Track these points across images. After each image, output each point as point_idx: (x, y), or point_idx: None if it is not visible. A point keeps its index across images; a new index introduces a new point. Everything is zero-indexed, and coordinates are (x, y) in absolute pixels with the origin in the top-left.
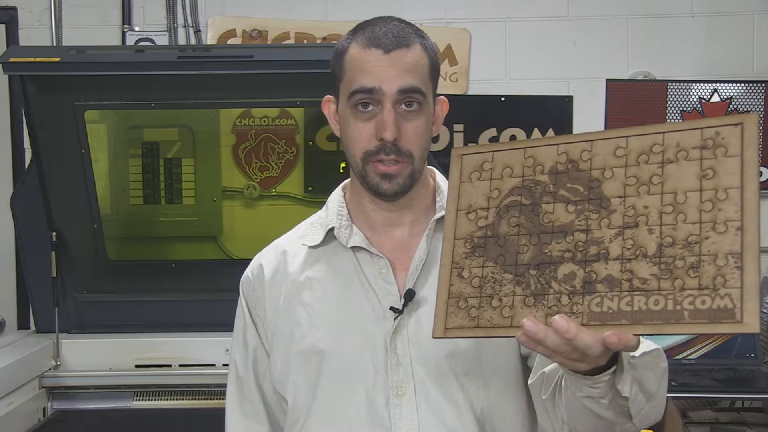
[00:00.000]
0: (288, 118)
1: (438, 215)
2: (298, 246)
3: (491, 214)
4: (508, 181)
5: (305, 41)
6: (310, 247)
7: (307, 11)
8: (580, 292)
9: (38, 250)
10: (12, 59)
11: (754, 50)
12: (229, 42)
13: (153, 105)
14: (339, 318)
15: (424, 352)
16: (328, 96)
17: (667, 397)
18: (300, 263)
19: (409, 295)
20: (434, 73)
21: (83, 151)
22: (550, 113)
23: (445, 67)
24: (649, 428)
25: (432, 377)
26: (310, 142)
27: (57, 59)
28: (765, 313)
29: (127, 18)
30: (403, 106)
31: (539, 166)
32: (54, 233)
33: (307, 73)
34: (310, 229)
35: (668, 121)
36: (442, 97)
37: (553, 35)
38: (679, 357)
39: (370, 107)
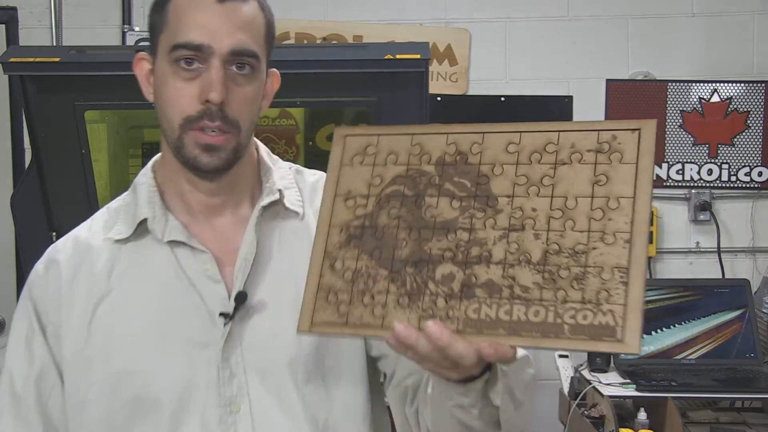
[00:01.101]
0: (288, 118)
1: (266, 200)
2: (102, 240)
3: (371, 203)
4: (392, 169)
5: (305, 41)
6: (116, 241)
7: (307, 11)
8: (458, 295)
9: (38, 250)
10: (12, 59)
11: (754, 50)
12: None
13: (153, 105)
14: (159, 329)
15: (261, 360)
16: (142, 53)
17: (668, 397)
18: (105, 262)
19: (241, 298)
20: (270, 38)
21: (83, 151)
22: (550, 113)
23: (445, 67)
24: (649, 428)
25: (269, 388)
26: (310, 142)
27: (57, 59)
28: (765, 313)
29: (127, 18)
30: (234, 68)
31: (426, 155)
32: (54, 233)
33: (307, 73)
34: (114, 218)
35: (667, 121)
36: (274, 69)
37: (553, 35)
38: (679, 357)
39: (195, 64)
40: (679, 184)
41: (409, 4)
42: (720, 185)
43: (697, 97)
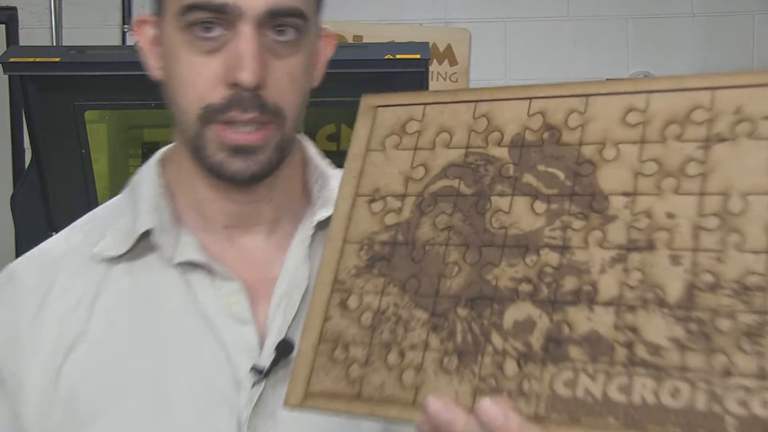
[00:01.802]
0: None
1: (321, 214)
2: (83, 257)
3: (408, 207)
4: (443, 154)
5: None
6: (104, 259)
7: None
8: (540, 356)
9: None
10: (12, 59)
11: (754, 50)
12: None
13: (153, 105)
14: (158, 388)
15: None
16: (144, 15)
17: None
18: (86, 288)
19: (284, 349)
20: None
21: (83, 151)
22: None
23: (445, 67)
24: None
25: None
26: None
27: (57, 59)
28: None
29: (127, 18)
30: (273, 34)
31: (496, 132)
32: (54, 233)
33: None
34: (100, 227)
35: None
36: (327, 28)
37: (553, 35)
38: None
39: (217, 30)
40: None
41: (409, 4)
42: None
43: None
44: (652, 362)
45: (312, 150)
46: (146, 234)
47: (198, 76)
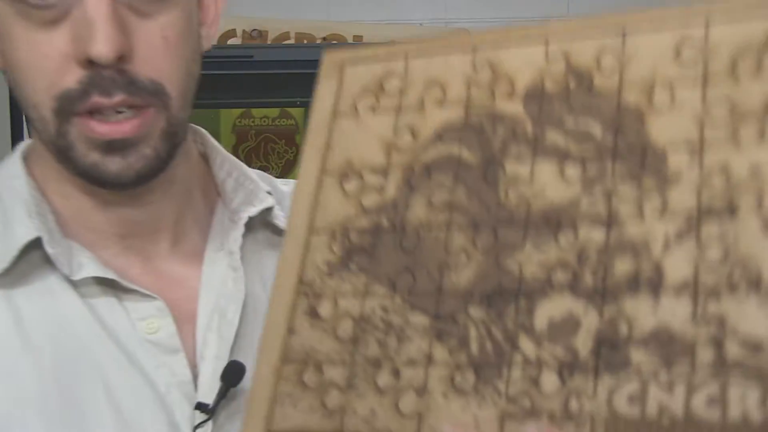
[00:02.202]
0: (288, 118)
1: (249, 210)
2: None
3: (393, 183)
4: (436, 114)
5: (305, 41)
6: None
7: (307, 11)
8: (591, 364)
9: None
10: None
11: None
12: (229, 42)
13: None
14: None
15: None
16: None
17: None
18: None
19: (234, 376)
20: None
21: None
22: None
23: None
24: None
25: None
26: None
27: None
28: None
29: None
30: None
31: (505, 82)
32: None
33: (307, 73)
34: None
35: None
36: None
37: None
38: None
39: None
40: None
41: (409, 4)
42: None
43: None
44: (752, 364)
45: (213, 141)
46: (32, 245)
47: (41, 57)
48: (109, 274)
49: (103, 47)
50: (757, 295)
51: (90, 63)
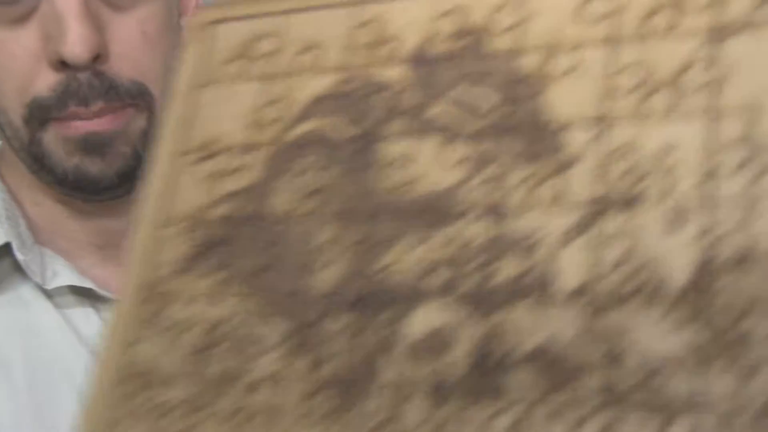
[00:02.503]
0: None
1: None
2: None
3: (258, 163)
4: (309, 82)
5: None
6: None
7: None
8: (467, 386)
9: None
10: None
11: None
12: None
13: None
14: None
15: None
16: None
17: None
18: None
19: None
20: None
21: None
22: None
23: None
24: None
25: None
26: None
27: None
28: None
29: None
30: None
31: (389, 44)
32: None
33: None
34: None
35: None
36: None
37: None
38: None
39: None
40: None
41: None
42: None
43: None
44: (650, 389)
45: None
46: (4, 251)
47: (9, 57)
48: (87, 283)
49: (76, 47)
50: (659, 306)
51: (62, 64)
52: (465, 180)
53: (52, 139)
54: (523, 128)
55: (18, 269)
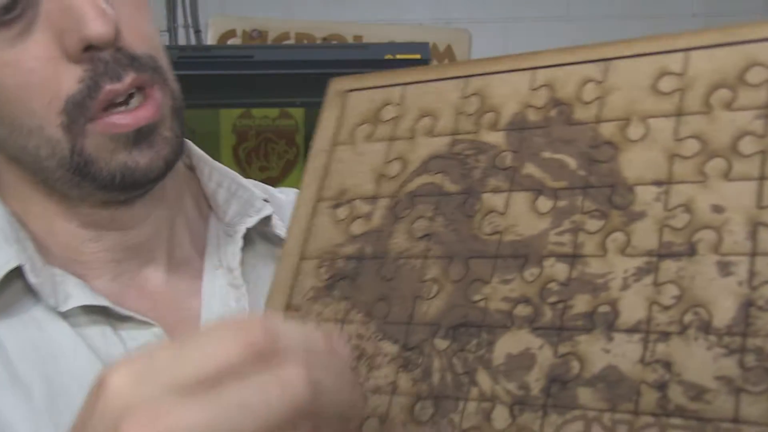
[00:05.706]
0: (288, 118)
1: (258, 215)
2: None
3: (380, 211)
4: (425, 144)
5: (305, 41)
6: None
7: (308, 11)
8: (540, 402)
9: None
10: None
11: None
12: (229, 42)
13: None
14: None
15: None
16: None
17: None
18: None
19: None
20: None
21: None
22: None
23: None
24: None
25: None
26: (310, 143)
27: None
28: None
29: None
30: None
31: (490, 113)
32: None
33: (307, 73)
34: None
35: None
36: None
37: (553, 35)
38: None
39: (18, 8)
40: None
41: (409, 4)
42: None
43: None
44: (694, 410)
45: (199, 151)
46: (12, 274)
47: (27, 75)
48: (101, 302)
49: (100, 25)
50: (706, 340)
51: (85, 52)
52: (549, 229)
53: (94, 142)
54: (599, 186)
55: (29, 291)
